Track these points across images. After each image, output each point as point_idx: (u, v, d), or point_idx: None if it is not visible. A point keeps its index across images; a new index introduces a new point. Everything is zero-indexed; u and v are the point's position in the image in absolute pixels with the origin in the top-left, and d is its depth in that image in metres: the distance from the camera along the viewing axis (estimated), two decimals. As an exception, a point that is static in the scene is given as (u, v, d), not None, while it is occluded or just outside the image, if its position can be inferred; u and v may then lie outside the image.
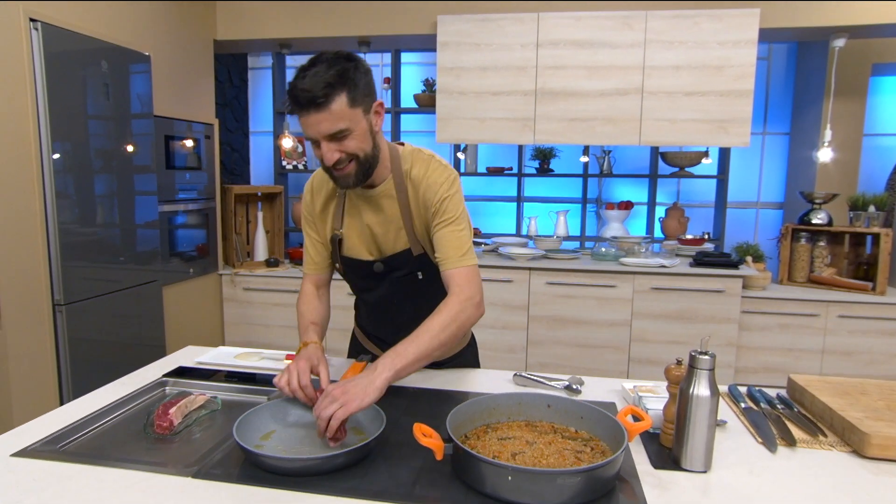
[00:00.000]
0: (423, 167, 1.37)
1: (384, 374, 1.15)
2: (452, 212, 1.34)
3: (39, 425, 1.21)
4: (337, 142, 1.21)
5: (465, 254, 1.33)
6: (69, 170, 2.54)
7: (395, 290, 1.45)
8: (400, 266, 1.42)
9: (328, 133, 1.19)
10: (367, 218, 1.39)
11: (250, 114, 5.30)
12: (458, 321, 1.26)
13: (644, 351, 3.38)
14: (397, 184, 1.36)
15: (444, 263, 1.33)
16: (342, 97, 1.18)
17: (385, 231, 1.39)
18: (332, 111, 1.17)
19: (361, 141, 1.24)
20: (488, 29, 3.44)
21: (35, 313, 2.44)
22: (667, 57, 3.32)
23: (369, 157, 1.27)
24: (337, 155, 1.22)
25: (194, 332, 3.63)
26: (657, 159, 4.13)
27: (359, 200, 1.40)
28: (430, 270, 1.41)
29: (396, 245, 1.40)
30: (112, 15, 2.86)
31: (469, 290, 1.30)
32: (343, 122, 1.19)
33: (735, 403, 1.39)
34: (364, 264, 1.43)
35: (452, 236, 1.33)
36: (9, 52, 2.30)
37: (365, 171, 1.28)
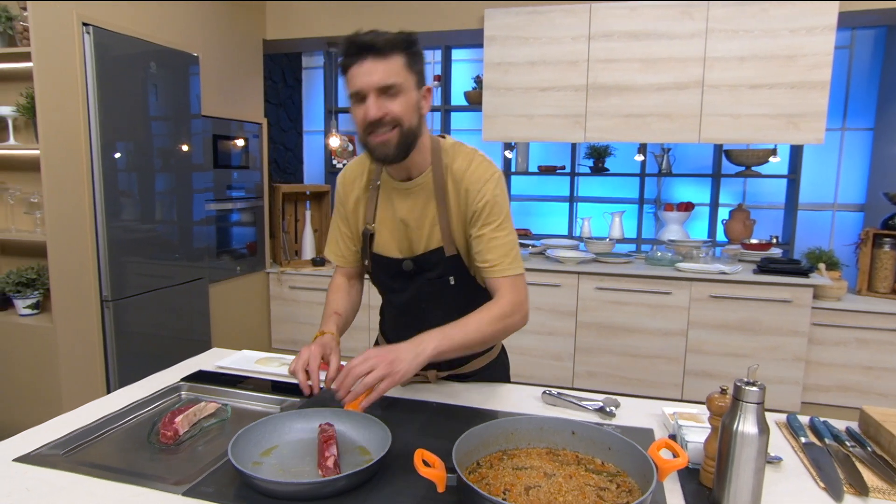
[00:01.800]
0: (465, 161, 1.29)
1: (428, 352, 1.12)
2: (498, 214, 1.27)
3: (50, 428, 1.19)
4: (386, 98, 1.16)
5: (514, 260, 1.28)
6: (118, 169, 2.60)
7: (424, 293, 1.36)
8: (431, 267, 1.33)
9: (380, 84, 1.15)
10: (402, 212, 1.32)
11: (304, 113, 5.37)
12: (504, 322, 1.24)
13: (701, 363, 3.16)
14: (436, 177, 1.29)
15: (491, 270, 1.27)
16: (401, 56, 1.16)
17: (419, 226, 1.31)
18: (389, 63, 1.14)
19: (408, 108, 1.19)
20: (537, 22, 3.29)
21: (84, 308, 2.51)
22: (730, 47, 3.07)
23: (412, 130, 1.21)
24: (382, 112, 1.16)
25: (241, 329, 3.68)
26: (721, 158, 3.86)
27: (393, 193, 1.33)
28: (463, 277, 1.33)
29: (430, 243, 1.32)
30: (162, 17, 2.92)
31: (519, 296, 1.26)
32: (397, 78, 1.15)
33: (794, 437, 1.22)
34: (393, 262, 1.36)
35: (499, 241, 1.27)
36: (63, 55, 2.38)
37: (405, 143, 1.21)
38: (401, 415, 1.30)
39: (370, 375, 1.08)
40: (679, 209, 3.93)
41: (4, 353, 2.52)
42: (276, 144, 4.96)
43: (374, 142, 1.19)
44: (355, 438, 1.13)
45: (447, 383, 1.48)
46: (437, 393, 1.41)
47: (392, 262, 1.36)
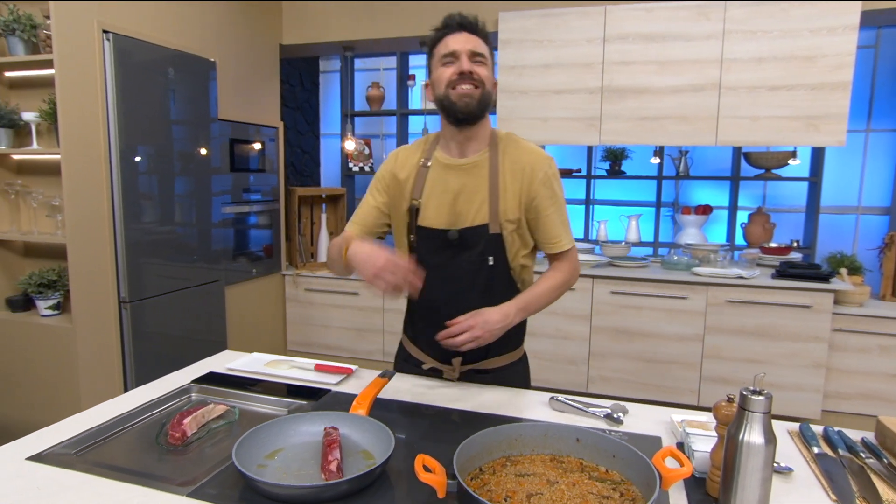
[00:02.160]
0: (524, 147, 1.44)
1: (515, 319, 1.34)
2: (559, 194, 1.44)
3: (64, 428, 1.22)
4: (475, 63, 1.35)
5: (570, 234, 1.47)
6: (136, 173, 2.65)
7: (463, 272, 1.41)
8: (473, 243, 1.39)
9: (473, 50, 1.34)
10: (454, 186, 1.42)
11: (321, 116, 5.41)
12: (566, 287, 1.47)
13: (718, 369, 3.11)
14: (491, 157, 1.41)
15: (554, 245, 1.44)
16: (488, 46, 1.39)
17: (468, 201, 1.40)
18: (480, 40, 1.37)
19: (490, 78, 1.38)
20: (552, 24, 3.28)
21: (102, 310, 2.56)
22: (748, 48, 3.03)
23: (488, 96, 1.38)
24: (471, 68, 1.33)
25: (256, 331, 3.72)
26: (739, 160, 3.81)
27: (447, 169, 1.43)
28: (501, 260, 1.41)
29: (476, 218, 1.40)
30: (180, 23, 2.97)
31: (575, 264, 1.48)
32: (483, 49, 1.37)
33: (806, 447, 1.20)
34: (439, 233, 1.41)
35: (561, 219, 1.44)
36: (84, 61, 2.43)
37: (483, 103, 1.37)
38: (406, 419, 1.30)
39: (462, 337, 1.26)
40: (697, 212, 3.88)
41: (26, 352, 2.58)
42: (293, 147, 5.01)
43: (458, 93, 1.34)
44: (359, 442, 1.13)
45: (456, 386, 1.48)
46: (444, 397, 1.41)
47: (437, 233, 1.41)
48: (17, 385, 2.63)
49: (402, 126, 4.56)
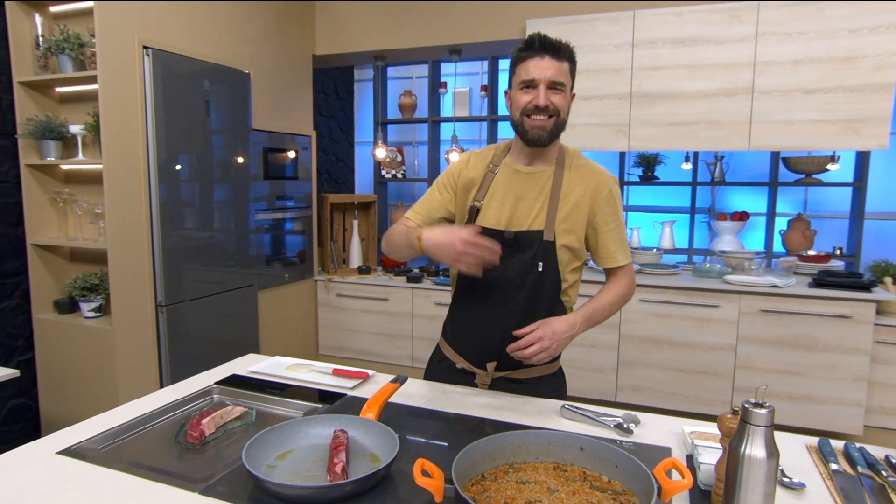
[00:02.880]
0: (587, 163, 1.50)
1: (580, 330, 1.39)
2: (620, 210, 1.49)
3: (93, 424, 1.29)
4: (552, 91, 1.38)
5: (628, 250, 1.52)
6: (172, 182, 2.77)
7: (513, 274, 1.44)
8: (526, 246, 1.44)
9: (552, 79, 1.37)
10: (517, 191, 1.47)
11: (355, 125, 5.51)
12: (625, 299, 1.52)
13: (751, 380, 3.02)
14: (556, 169, 1.47)
15: (614, 260, 1.49)
16: (570, 64, 1.40)
17: (529, 206, 1.45)
18: (563, 66, 1.38)
19: (566, 105, 1.42)
20: (579, 30, 3.27)
21: (140, 313, 2.68)
22: (783, 51, 2.95)
23: (562, 124, 1.43)
24: (549, 102, 1.38)
25: (289, 335, 3.81)
26: (778, 165, 3.70)
27: (515, 176, 1.49)
28: (550, 268, 1.44)
29: (533, 223, 1.45)
30: (215, 37, 3.08)
31: (632, 280, 1.54)
32: (565, 78, 1.39)
33: (823, 463, 1.16)
34: (496, 233, 1.45)
35: (621, 235, 1.50)
36: (125, 76, 2.56)
37: (556, 132, 1.42)
38: (417, 423, 1.33)
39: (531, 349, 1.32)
40: (733, 219, 3.78)
41: (71, 352, 2.71)
42: (328, 155, 5.12)
43: (531, 124, 1.40)
44: (367, 446, 1.16)
45: (469, 392, 1.49)
46: (455, 403, 1.43)
47: (494, 233, 1.45)
48: (63, 382, 2.78)
49: (433, 133, 4.61)
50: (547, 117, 1.39)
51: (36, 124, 2.62)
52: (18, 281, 2.76)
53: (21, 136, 2.66)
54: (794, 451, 1.22)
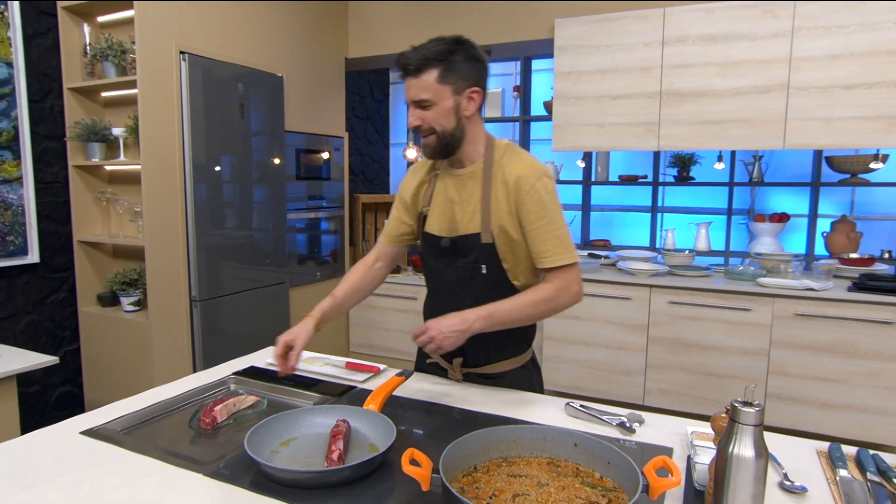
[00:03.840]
0: (517, 160, 1.42)
1: (476, 326, 1.31)
2: (549, 208, 1.38)
3: (117, 408, 1.37)
4: (420, 109, 1.36)
5: (565, 251, 1.38)
6: (206, 182, 2.88)
7: (457, 277, 1.46)
8: (466, 251, 1.44)
9: (413, 99, 1.35)
10: (451, 195, 1.47)
11: (391, 126, 5.60)
12: (549, 304, 1.38)
13: (785, 386, 2.92)
14: (485, 168, 1.42)
15: (542, 261, 1.39)
16: (433, 72, 1.32)
17: (463, 210, 1.44)
18: (421, 80, 1.33)
19: (442, 117, 1.35)
20: (608, 29, 3.23)
21: (175, 307, 2.80)
22: (821, 45, 2.84)
23: (448, 134, 1.37)
24: (417, 121, 1.36)
25: (320, 332, 3.89)
26: (820, 165, 3.56)
27: (448, 179, 1.48)
28: (494, 268, 1.42)
29: (469, 227, 1.43)
30: (249, 42, 3.19)
31: (564, 282, 1.38)
32: (426, 94, 1.33)
33: (831, 468, 1.13)
34: (436, 240, 1.48)
35: (551, 234, 1.38)
36: (163, 80, 2.68)
37: (443, 146, 1.39)
38: (420, 416, 1.35)
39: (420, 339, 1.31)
40: (772, 220, 3.66)
41: (112, 343, 2.86)
42: (363, 156, 5.21)
43: (421, 141, 1.41)
44: (368, 436, 1.19)
45: (476, 387, 1.51)
46: (462, 399, 1.44)
47: (435, 239, 1.48)
48: (104, 372, 2.93)
49: (464, 134, 4.63)
50: (427, 134, 1.37)
51: (83, 127, 2.78)
52: (66, 276, 2.93)
53: (69, 138, 2.82)
54: (802, 455, 1.19)
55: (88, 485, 1.02)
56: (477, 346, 1.46)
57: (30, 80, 2.72)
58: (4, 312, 2.71)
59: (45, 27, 2.78)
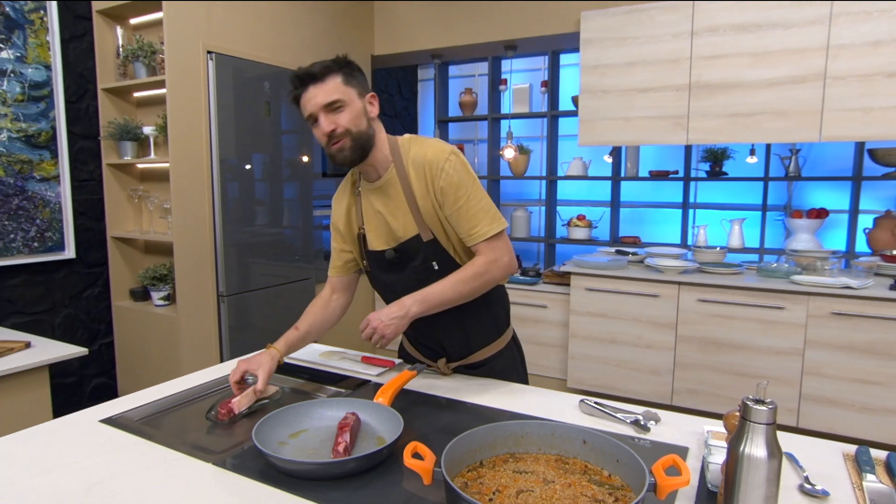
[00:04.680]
0: (420, 149, 1.40)
1: (413, 310, 1.33)
2: (463, 187, 1.37)
3: (136, 398, 1.40)
4: (333, 113, 1.33)
5: (491, 222, 1.38)
6: (233, 179, 2.93)
7: (412, 282, 1.43)
8: (413, 254, 1.43)
9: (324, 103, 1.32)
10: (379, 208, 1.45)
11: (419, 124, 5.60)
12: (481, 279, 1.38)
13: (821, 388, 2.81)
14: (399, 170, 1.41)
15: (468, 238, 1.39)
16: (337, 76, 1.33)
17: (395, 218, 1.43)
18: (327, 84, 1.32)
19: (355, 117, 1.34)
20: (635, 21, 3.16)
21: (202, 302, 2.86)
22: (861, 32, 2.72)
23: (363, 134, 1.36)
24: (331, 126, 1.33)
25: (345, 327, 3.91)
26: (862, 158, 3.41)
27: (371, 194, 1.46)
28: (446, 261, 1.42)
29: (406, 231, 1.42)
30: (275, 40, 3.24)
31: (494, 253, 1.38)
32: (337, 94, 1.32)
33: (857, 472, 1.08)
34: (381, 254, 1.47)
35: (470, 211, 1.37)
36: (191, 80, 2.74)
37: (360, 147, 1.36)
38: (431, 411, 1.35)
39: (365, 333, 1.34)
40: (809, 216, 3.53)
41: (143, 336, 2.94)
42: (390, 154, 5.24)
43: (333, 150, 1.36)
44: (377, 429, 1.19)
45: (489, 382, 1.49)
46: (475, 393, 1.43)
47: (380, 254, 1.47)
48: (136, 364, 3.01)
49: (493, 130, 4.60)
50: (342, 137, 1.33)
51: (116, 127, 2.86)
52: (101, 271, 3.03)
53: (103, 138, 2.91)
54: (827, 458, 1.14)
55: (101, 471, 1.05)
56: (453, 340, 1.51)
57: (67, 82, 2.81)
58: (44, 306, 2.82)
59: (82, 30, 2.87)
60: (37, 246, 2.73)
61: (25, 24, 2.65)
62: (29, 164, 2.69)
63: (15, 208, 2.65)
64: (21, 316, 2.73)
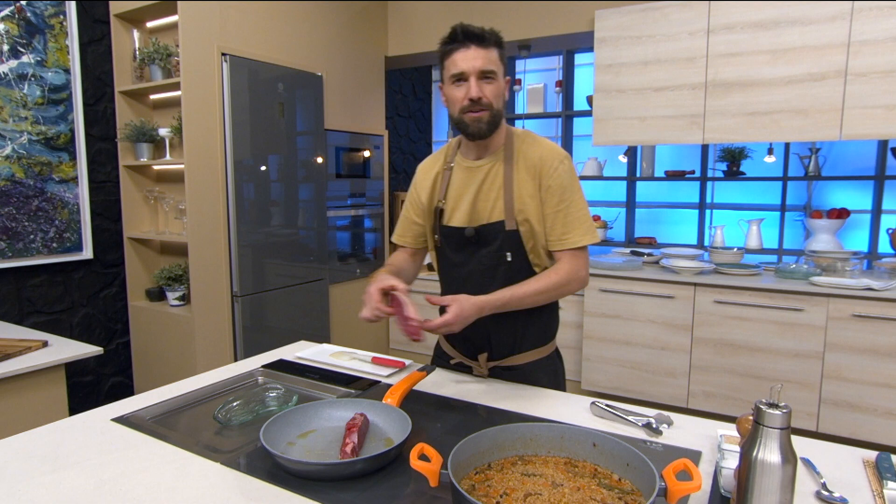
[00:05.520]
0: (535, 144, 1.44)
1: (486, 310, 1.31)
2: (570, 192, 1.40)
3: (148, 397, 1.41)
4: (484, 82, 1.34)
5: (584, 233, 1.40)
6: (247, 179, 2.95)
7: (482, 267, 1.45)
8: (490, 239, 1.43)
9: (482, 69, 1.33)
10: (472, 186, 1.46)
11: (433, 124, 5.60)
12: (559, 289, 1.40)
13: (842, 392, 2.75)
14: (506, 157, 1.43)
15: (556, 242, 1.41)
16: (497, 49, 1.36)
17: (486, 199, 1.44)
18: (490, 53, 1.34)
19: (499, 94, 1.38)
20: (650, 19, 3.12)
21: (217, 302, 2.88)
22: (884, 27, 2.65)
23: (498, 113, 1.38)
24: (479, 94, 1.34)
25: (359, 328, 3.94)
26: (885, 157, 3.34)
27: (465, 171, 1.47)
28: (519, 255, 1.42)
29: (492, 215, 1.43)
30: (289, 42, 3.25)
31: (577, 264, 1.41)
32: (495, 66, 1.35)
33: (878, 480, 1.05)
34: (458, 231, 1.46)
35: (569, 217, 1.40)
36: (205, 81, 2.77)
37: (493, 122, 1.38)
38: (440, 412, 1.34)
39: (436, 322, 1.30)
40: (830, 216, 3.46)
41: (158, 335, 2.97)
42: (405, 155, 5.24)
43: (470, 117, 1.37)
44: (385, 430, 1.19)
45: (499, 383, 1.48)
46: (483, 395, 1.42)
47: (457, 231, 1.47)
48: (152, 363, 3.05)
49: (505, 131, 4.58)
50: (483, 109, 1.35)
51: (132, 128, 2.90)
52: (118, 271, 3.07)
53: (120, 139, 2.95)
54: (846, 464, 1.11)
55: (112, 469, 1.05)
56: (503, 336, 1.48)
57: (85, 85, 2.85)
58: (62, 305, 2.86)
59: (100, 34, 2.91)
60: (55, 246, 2.78)
61: (46, 29, 2.69)
62: (48, 165, 2.73)
63: (35, 209, 2.69)
64: (40, 315, 2.78)
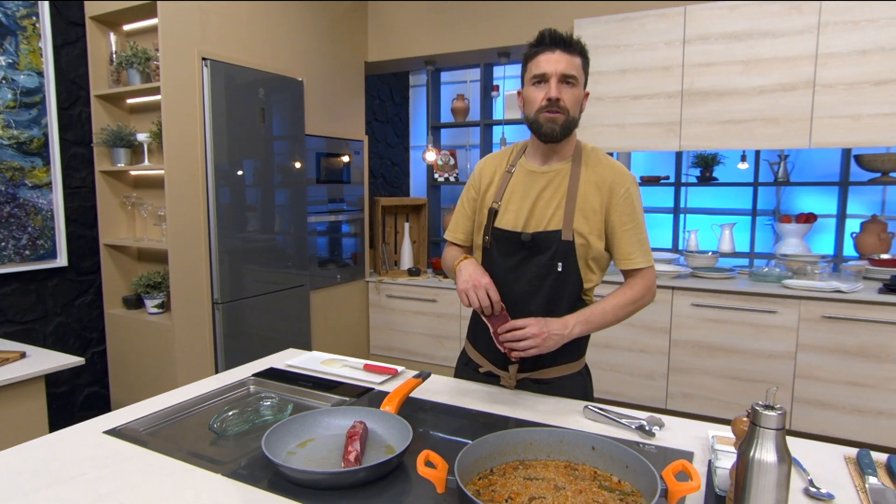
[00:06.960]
0: (608, 161, 1.47)
1: (576, 331, 1.36)
2: (638, 212, 1.44)
3: (139, 408, 1.39)
4: (564, 86, 1.37)
5: (648, 253, 1.46)
6: (228, 185, 2.92)
7: (532, 275, 1.45)
8: (545, 247, 1.43)
9: (565, 72, 1.36)
10: (532, 191, 1.47)
11: (410, 129, 5.62)
12: (636, 304, 1.44)
13: (812, 391, 2.85)
14: (574, 167, 1.45)
15: (628, 262, 1.44)
16: (582, 59, 1.40)
17: (546, 206, 1.45)
18: (574, 59, 1.38)
19: (577, 101, 1.40)
20: (628, 29, 3.20)
21: (197, 309, 2.84)
22: (849, 41, 2.77)
23: (573, 120, 1.41)
24: (559, 95, 1.36)
25: (340, 334, 3.92)
26: (849, 164, 3.47)
27: (528, 176, 1.49)
28: (570, 267, 1.43)
29: (550, 223, 1.44)
30: (270, 47, 3.23)
31: (648, 282, 1.45)
32: (576, 71, 1.38)
33: (860, 475, 1.10)
34: (512, 235, 1.47)
35: (639, 237, 1.44)
36: (185, 86, 2.73)
37: (567, 127, 1.40)
38: (438, 418, 1.35)
39: (523, 343, 1.31)
40: (798, 221, 3.59)
41: (136, 344, 2.91)
42: (383, 160, 5.24)
43: (546, 117, 1.39)
44: (384, 437, 1.19)
45: (495, 389, 1.50)
46: (478, 400, 1.44)
47: (511, 234, 1.47)
48: (130, 373, 2.98)
49: (485, 136, 4.62)
50: (559, 111, 1.37)
51: (108, 133, 2.84)
52: (93, 278, 3.00)
53: (96, 144, 2.89)
54: (829, 461, 1.16)
55: (109, 483, 1.04)
56: None
57: (59, 89, 2.79)
58: (35, 314, 2.78)
59: (74, 37, 2.85)
60: (28, 254, 2.70)
61: (17, 31, 2.62)
62: (20, 171, 2.66)
63: (6, 216, 2.62)
64: (12, 325, 2.70)
